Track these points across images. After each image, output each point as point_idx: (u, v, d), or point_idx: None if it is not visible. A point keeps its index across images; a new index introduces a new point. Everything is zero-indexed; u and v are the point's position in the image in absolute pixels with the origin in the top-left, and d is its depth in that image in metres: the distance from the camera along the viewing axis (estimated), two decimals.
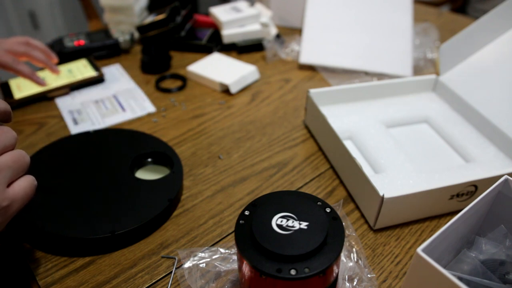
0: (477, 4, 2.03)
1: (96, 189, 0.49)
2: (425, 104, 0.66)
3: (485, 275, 0.35)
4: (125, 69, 0.79)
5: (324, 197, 0.53)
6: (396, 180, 0.52)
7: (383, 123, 0.62)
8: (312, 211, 0.36)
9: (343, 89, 0.64)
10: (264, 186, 0.54)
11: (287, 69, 0.81)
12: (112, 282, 0.42)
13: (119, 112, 0.67)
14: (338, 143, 0.53)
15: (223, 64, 0.78)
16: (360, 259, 0.43)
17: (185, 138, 0.62)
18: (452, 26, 0.98)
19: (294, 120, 0.66)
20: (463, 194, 0.48)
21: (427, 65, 0.81)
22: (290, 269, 0.32)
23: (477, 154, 0.56)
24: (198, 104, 0.70)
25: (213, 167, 0.57)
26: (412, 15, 0.82)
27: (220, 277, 0.41)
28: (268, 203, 0.37)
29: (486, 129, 0.59)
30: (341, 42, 0.80)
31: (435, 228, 0.49)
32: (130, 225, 0.45)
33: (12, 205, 0.34)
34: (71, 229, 0.44)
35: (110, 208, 0.47)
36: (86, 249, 0.45)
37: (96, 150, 0.55)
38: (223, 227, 0.48)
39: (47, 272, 0.43)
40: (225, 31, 0.84)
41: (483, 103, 0.61)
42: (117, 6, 0.85)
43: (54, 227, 0.44)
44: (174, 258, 0.44)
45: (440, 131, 0.62)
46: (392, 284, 0.42)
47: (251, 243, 0.34)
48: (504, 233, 0.39)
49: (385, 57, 0.78)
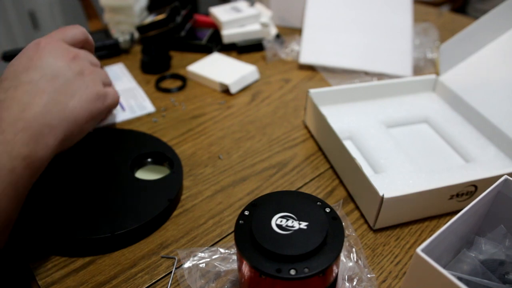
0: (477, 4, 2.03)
1: (96, 189, 0.49)
2: (425, 104, 0.66)
3: (484, 275, 0.35)
4: (127, 69, 0.79)
5: (324, 197, 0.53)
6: (396, 180, 0.52)
7: (383, 123, 0.62)
8: (312, 211, 0.36)
9: (343, 89, 0.64)
10: (264, 186, 0.54)
11: (287, 69, 0.81)
12: (112, 282, 0.42)
13: (119, 112, 0.67)
14: (338, 143, 0.53)
15: (223, 64, 0.78)
16: (360, 259, 0.43)
17: (185, 138, 0.62)
18: (452, 26, 0.98)
19: (294, 120, 0.67)
20: (463, 194, 0.48)
21: (427, 65, 0.81)
22: (289, 269, 0.32)
23: (477, 154, 0.56)
24: (198, 104, 0.70)
25: (213, 167, 0.57)
26: (412, 15, 0.82)
27: (220, 277, 0.41)
28: (268, 203, 0.37)
29: (486, 129, 0.59)
30: (341, 42, 0.80)
31: (435, 228, 0.49)
32: (130, 225, 0.45)
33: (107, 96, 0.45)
34: (71, 229, 0.44)
35: (110, 208, 0.47)
36: (86, 249, 0.45)
37: (95, 150, 0.55)
38: (223, 227, 0.48)
39: (47, 272, 0.43)
40: (225, 31, 0.84)
41: (483, 103, 0.60)
42: (117, 6, 0.85)
43: (53, 227, 0.44)
44: (174, 258, 0.44)
45: (440, 131, 0.62)
46: (392, 284, 0.42)
47: (251, 243, 0.34)
48: (504, 233, 0.39)
49: (385, 57, 0.78)
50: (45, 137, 0.36)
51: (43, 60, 0.39)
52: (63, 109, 0.38)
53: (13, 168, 0.33)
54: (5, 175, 0.33)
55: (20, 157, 0.34)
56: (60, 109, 0.38)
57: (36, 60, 0.39)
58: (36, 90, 0.37)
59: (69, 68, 0.41)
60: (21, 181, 0.35)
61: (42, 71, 0.39)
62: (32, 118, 0.36)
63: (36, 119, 0.36)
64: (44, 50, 0.40)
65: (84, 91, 0.40)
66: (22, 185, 0.35)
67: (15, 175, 0.34)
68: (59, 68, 0.40)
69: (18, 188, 0.34)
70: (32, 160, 0.35)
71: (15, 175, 0.34)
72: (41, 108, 0.37)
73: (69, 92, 0.39)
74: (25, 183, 0.35)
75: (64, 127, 0.38)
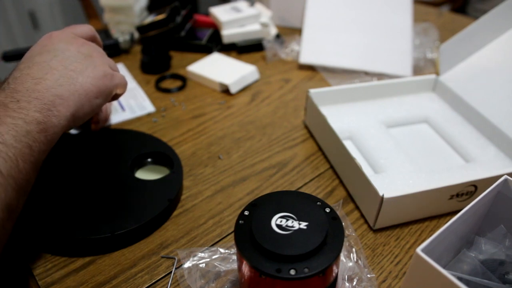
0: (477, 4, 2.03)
1: (96, 189, 0.49)
2: (425, 104, 0.66)
3: (484, 275, 0.35)
4: (127, 69, 0.79)
5: (324, 197, 0.53)
6: (396, 180, 0.52)
7: (383, 123, 0.62)
8: (312, 211, 0.36)
9: (343, 89, 0.64)
10: (264, 186, 0.54)
11: (287, 69, 0.81)
12: (112, 282, 0.42)
13: (119, 112, 0.67)
14: (338, 143, 0.53)
15: (223, 64, 0.78)
16: (359, 259, 0.43)
17: (185, 138, 0.62)
18: (452, 26, 0.97)
19: (294, 120, 0.67)
20: (463, 194, 0.48)
21: (427, 65, 0.81)
22: (289, 269, 0.32)
23: (477, 154, 0.56)
24: (198, 104, 0.70)
25: (213, 167, 0.57)
26: (412, 15, 0.82)
27: (219, 277, 0.41)
28: (268, 203, 0.37)
29: (486, 129, 0.59)
30: (341, 42, 0.80)
31: (435, 228, 0.49)
32: (130, 225, 0.45)
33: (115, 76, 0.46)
34: (71, 229, 0.44)
35: (110, 208, 0.47)
36: (86, 249, 0.45)
37: (95, 150, 0.55)
38: (223, 227, 0.48)
39: (47, 272, 0.43)
40: (225, 31, 0.84)
41: (483, 103, 0.60)
42: (117, 6, 0.85)
43: (54, 228, 0.44)
44: (174, 258, 0.44)
45: (440, 131, 0.62)
46: (392, 284, 0.42)
47: (251, 243, 0.34)
48: (504, 233, 0.39)
49: (385, 57, 0.78)
50: (57, 106, 0.40)
51: (55, 45, 0.44)
52: (73, 83, 0.42)
53: (29, 131, 0.37)
54: (21, 136, 0.36)
55: (34, 122, 0.37)
56: (71, 83, 0.42)
57: (49, 46, 0.44)
58: (48, 68, 0.41)
59: (79, 51, 0.45)
60: (37, 145, 0.37)
61: (54, 53, 0.43)
62: (45, 90, 0.39)
63: (48, 90, 0.40)
64: (56, 38, 0.45)
65: (92, 70, 0.44)
66: (38, 149, 0.37)
67: (31, 138, 0.37)
68: (70, 51, 0.44)
69: (33, 152, 0.37)
70: (46, 126, 0.38)
71: (31, 137, 0.37)
72: (53, 82, 0.40)
73: (78, 70, 0.43)
74: (40, 148, 0.38)
75: (75, 99, 0.41)
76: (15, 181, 0.35)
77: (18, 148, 0.35)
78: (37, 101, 0.38)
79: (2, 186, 0.33)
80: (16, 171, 0.35)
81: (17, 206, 0.36)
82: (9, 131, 0.35)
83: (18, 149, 0.35)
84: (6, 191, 0.34)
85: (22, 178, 0.36)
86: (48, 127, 0.38)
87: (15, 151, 0.35)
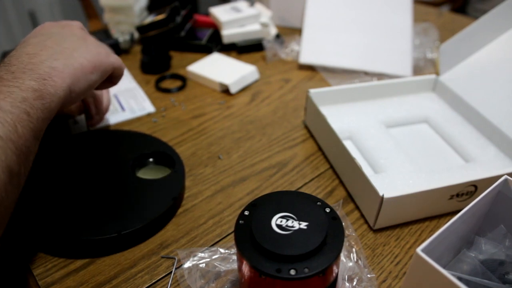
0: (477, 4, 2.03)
1: (99, 189, 0.49)
2: (425, 104, 0.66)
3: (484, 275, 0.35)
4: (127, 69, 0.79)
5: (323, 197, 0.53)
6: (396, 180, 0.52)
7: (383, 123, 0.62)
8: (312, 211, 0.36)
9: (343, 89, 0.64)
10: (264, 186, 0.54)
11: (287, 69, 0.81)
12: (112, 282, 0.42)
13: (119, 112, 0.67)
14: (338, 143, 0.53)
15: (223, 64, 0.78)
16: (360, 259, 0.43)
17: (185, 138, 0.62)
18: (452, 26, 0.97)
19: (294, 120, 0.67)
20: (463, 194, 0.48)
21: (427, 65, 0.81)
22: (289, 269, 0.32)
23: (477, 154, 0.56)
24: (198, 104, 0.70)
25: (213, 167, 0.57)
26: (412, 15, 0.82)
27: (220, 277, 0.41)
28: (268, 203, 0.37)
29: (486, 129, 0.59)
30: (341, 42, 0.80)
31: (435, 228, 0.49)
32: (136, 224, 0.45)
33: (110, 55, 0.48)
34: (76, 230, 0.44)
35: (114, 208, 0.47)
36: (93, 250, 0.44)
37: (96, 150, 0.55)
38: (223, 227, 0.48)
39: (47, 272, 0.43)
40: (225, 31, 0.84)
41: (483, 103, 0.60)
42: (117, 6, 0.85)
43: (58, 229, 0.44)
44: (174, 258, 0.44)
45: (440, 131, 0.62)
46: (392, 284, 0.42)
47: (251, 243, 0.34)
48: (504, 233, 0.39)
49: (385, 57, 0.78)
50: (53, 77, 0.40)
51: (50, 29, 0.45)
52: (68, 57, 0.42)
53: (25, 98, 0.37)
54: (18, 102, 0.36)
55: (30, 89, 0.37)
56: (65, 57, 0.42)
57: (43, 31, 0.45)
58: (43, 46, 0.42)
59: (73, 33, 0.46)
60: (34, 112, 0.37)
61: (48, 35, 0.44)
62: (39, 62, 0.40)
63: (43, 63, 0.40)
64: (50, 25, 0.47)
65: (87, 47, 0.45)
66: (36, 116, 0.37)
67: (28, 104, 0.37)
68: (64, 33, 0.45)
69: (32, 118, 0.37)
70: (42, 93, 0.38)
71: (28, 104, 0.37)
72: (48, 56, 0.41)
73: (73, 47, 0.44)
74: (38, 115, 0.38)
75: (70, 72, 0.42)
76: (15, 145, 0.35)
77: (15, 113, 0.35)
78: (31, 72, 0.39)
79: (2, 148, 0.33)
80: (15, 136, 0.35)
81: (19, 172, 0.36)
82: (5, 98, 0.36)
83: (16, 115, 0.35)
84: (6, 154, 0.34)
85: (22, 144, 0.36)
86: (44, 95, 0.38)
87: (13, 116, 0.35)
